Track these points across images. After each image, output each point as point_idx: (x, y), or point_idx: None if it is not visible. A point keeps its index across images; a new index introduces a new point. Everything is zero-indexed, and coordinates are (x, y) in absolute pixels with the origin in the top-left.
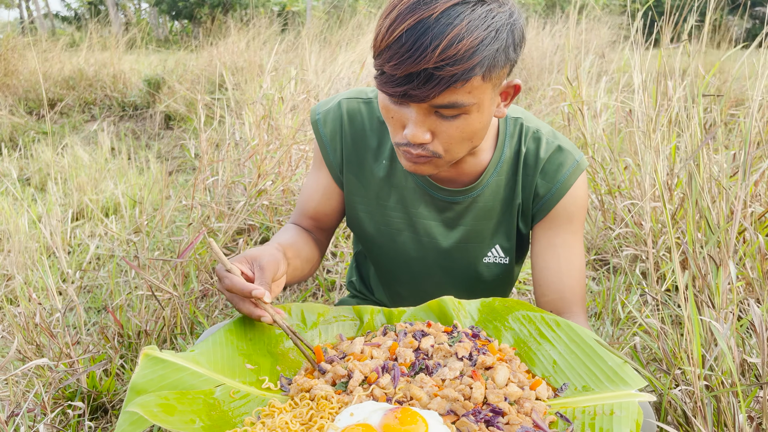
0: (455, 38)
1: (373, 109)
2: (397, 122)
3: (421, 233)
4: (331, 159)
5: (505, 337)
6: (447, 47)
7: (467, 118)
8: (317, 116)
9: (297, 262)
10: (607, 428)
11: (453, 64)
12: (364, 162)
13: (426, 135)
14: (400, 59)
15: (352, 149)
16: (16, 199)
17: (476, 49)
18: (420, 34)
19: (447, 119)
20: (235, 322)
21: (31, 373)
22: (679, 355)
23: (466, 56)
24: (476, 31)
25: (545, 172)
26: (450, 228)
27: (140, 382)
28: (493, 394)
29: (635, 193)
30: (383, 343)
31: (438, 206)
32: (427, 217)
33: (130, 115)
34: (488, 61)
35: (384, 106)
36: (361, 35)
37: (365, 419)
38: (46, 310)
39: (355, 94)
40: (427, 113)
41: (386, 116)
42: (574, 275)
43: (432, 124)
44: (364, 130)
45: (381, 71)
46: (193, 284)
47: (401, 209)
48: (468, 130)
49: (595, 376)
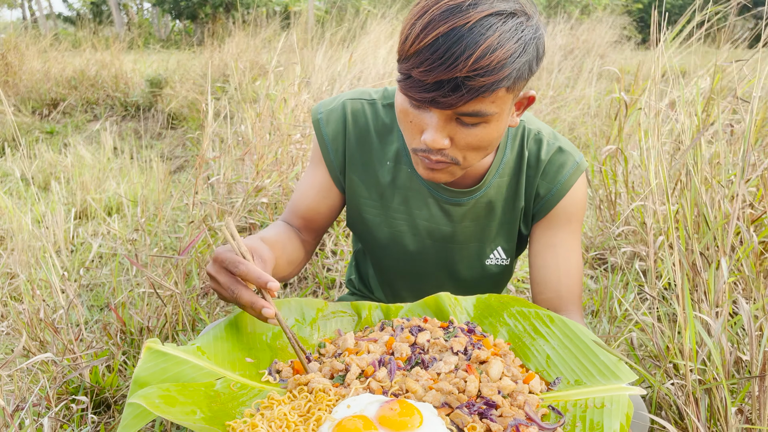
0: (488, 49)
1: (377, 111)
2: (415, 127)
3: (423, 235)
4: (331, 159)
5: (500, 333)
6: (480, 57)
7: (486, 127)
8: (319, 115)
9: (281, 261)
10: (598, 421)
11: (484, 74)
12: (368, 163)
13: (445, 141)
14: (431, 65)
15: (356, 150)
16: (20, 198)
17: (507, 62)
18: (453, 42)
19: (467, 126)
20: (235, 317)
21: (35, 368)
22: (673, 350)
23: (498, 68)
24: (507, 44)
25: (546, 173)
26: (453, 229)
27: (143, 375)
28: (487, 387)
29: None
30: (380, 338)
31: (441, 208)
32: (430, 219)
33: (133, 114)
34: (515, 74)
35: (402, 109)
36: (363, 35)
37: (362, 411)
38: (50, 307)
39: (358, 95)
40: (449, 120)
41: (403, 119)
42: (571, 274)
43: (451, 131)
44: (369, 132)
45: (407, 75)
46: (195, 281)
47: (404, 210)
48: (486, 139)
49: (588, 371)
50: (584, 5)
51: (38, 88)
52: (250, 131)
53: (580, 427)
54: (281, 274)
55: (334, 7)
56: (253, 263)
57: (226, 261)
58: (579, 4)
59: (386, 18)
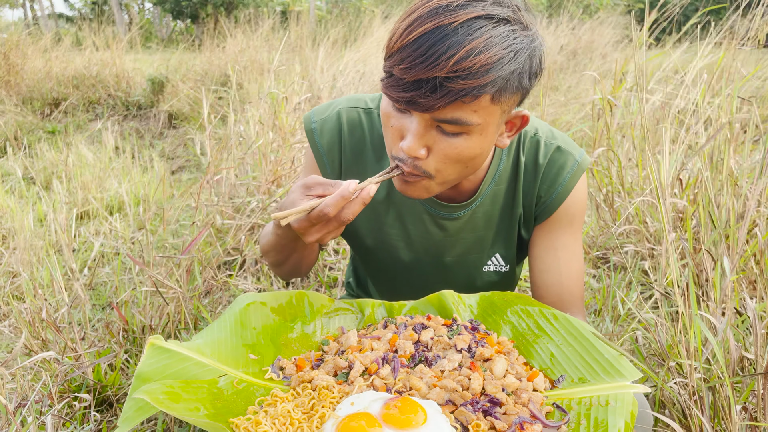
0: (472, 51)
1: (374, 120)
2: (396, 132)
3: (419, 249)
4: (327, 171)
5: (504, 330)
6: (462, 59)
7: (468, 139)
8: (313, 125)
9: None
10: (602, 418)
11: (465, 77)
12: (363, 176)
13: (422, 150)
14: (411, 63)
15: (352, 163)
16: (22, 197)
17: (492, 67)
18: (436, 41)
19: (447, 136)
20: (239, 313)
21: (37, 366)
22: (676, 348)
23: (481, 72)
24: (494, 48)
25: (546, 176)
26: (449, 243)
27: (146, 371)
28: (491, 385)
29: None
30: (383, 336)
31: (437, 223)
32: (425, 234)
33: (134, 114)
34: (501, 82)
35: (386, 112)
36: (367, 35)
37: (365, 408)
38: (51, 306)
39: (353, 103)
40: (428, 126)
41: (385, 123)
42: (573, 277)
43: (431, 140)
44: (365, 144)
45: (390, 73)
46: (198, 281)
47: (399, 226)
48: (465, 153)
49: (592, 368)
50: (586, 5)
51: (40, 87)
52: (252, 131)
53: (584, 424)
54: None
55: (336, 7)
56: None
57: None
58: (581, 3)
59: (390, 18)
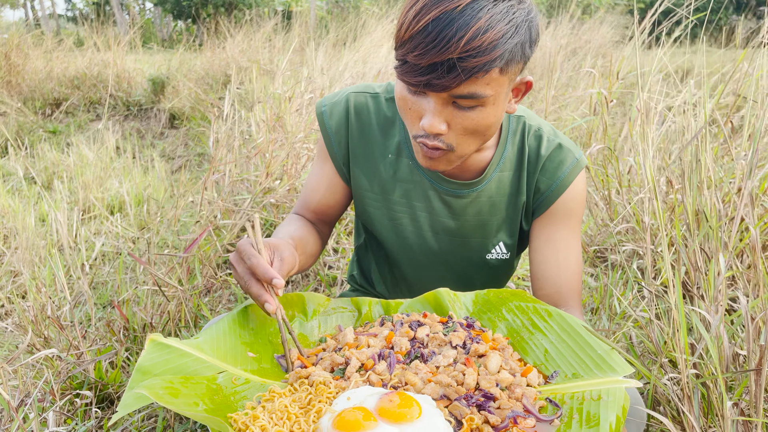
0: (479, 30)
1: (380, 104)
2: (414, 113)
3: (425, 227)
4: (335, 151)
5: (499, 328)
6: (471, 38)
7: (483, 110)
8: (323, 108)
9: (303, 258)
10: (594, 413)
11: (476, 55)
12: (370, 156)
13: (442, 125)
14: (424, 49)
15: (359, 143)
16: (23, 197)
17: (498, 42)
18: (445, 25)
19: (464, 110)
20: (238, 312)
21: (39, 364)
22: (670, 345)
23: (489, 48)
24: (498, 25)
25: (546, 168)
26: (454, 222)
27: (146, 365)
28: (485, 380)
29: (639, 188)
30: (380, 333)
31: (442, 200)
32: (431, 211)
33: (135, 114)
34: (507, 55)
35: (401, 96)
36: (365, 34)
37: (361, 403)
38: (54, 304)
39: (362, 89)
40: (445, 104)
41: (403, 107)
42: (571, 270)
43: (449, 115)
44: (371, 124)
45: (404, 61)
46: (198, 279)
47: (405, 203)
48: (483, 123)
49: (585, 364)
50: (586, 5)
51: (41, 87)
52: (254, 130)
53: (576, 418)
54: (300, 267)
55: (336, 7)
56: (263, 258)
57: (242, 252)
58: (581, 3)
59: (388, 17)
